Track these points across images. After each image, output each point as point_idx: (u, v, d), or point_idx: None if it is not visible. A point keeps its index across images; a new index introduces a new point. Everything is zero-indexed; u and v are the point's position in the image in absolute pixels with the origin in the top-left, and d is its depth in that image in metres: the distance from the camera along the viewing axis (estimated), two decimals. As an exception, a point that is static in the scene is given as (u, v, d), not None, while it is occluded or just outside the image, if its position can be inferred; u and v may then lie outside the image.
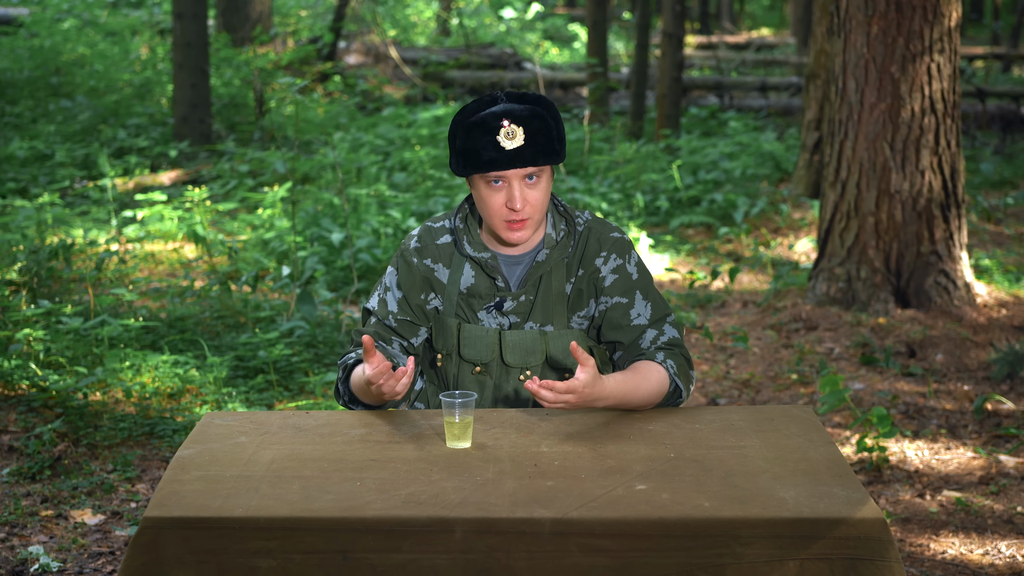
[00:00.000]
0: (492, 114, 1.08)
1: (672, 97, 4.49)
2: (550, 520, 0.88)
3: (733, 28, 9.83)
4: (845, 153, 2.53)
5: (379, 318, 1.15)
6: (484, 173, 1.09)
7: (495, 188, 1.10)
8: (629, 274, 1.13)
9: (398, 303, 1.15)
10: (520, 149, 1.08)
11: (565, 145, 1.12)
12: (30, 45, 5.10)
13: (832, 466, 0.97)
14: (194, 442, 1.04)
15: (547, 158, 1.09)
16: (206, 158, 4.19)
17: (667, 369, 1.10)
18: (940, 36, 2.43)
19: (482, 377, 1.15)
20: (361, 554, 0.88)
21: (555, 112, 1.11)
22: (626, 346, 1.12)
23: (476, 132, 1.09)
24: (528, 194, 1.10)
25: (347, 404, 1.14)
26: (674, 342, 1.12)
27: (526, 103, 1.10)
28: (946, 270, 2.49)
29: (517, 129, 1.07)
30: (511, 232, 1.11)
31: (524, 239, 1.11)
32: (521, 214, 1.09)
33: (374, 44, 6.32)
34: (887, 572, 0.87)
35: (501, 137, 1.07)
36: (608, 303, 1.13)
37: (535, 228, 1.12)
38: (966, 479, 1.76)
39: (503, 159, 1.08)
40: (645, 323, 1.12)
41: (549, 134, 1.09)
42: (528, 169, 1.09)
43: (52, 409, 1.93)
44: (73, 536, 1.57)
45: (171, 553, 0.88)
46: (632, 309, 1.12)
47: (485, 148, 1.08)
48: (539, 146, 1.08)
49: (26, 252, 2.61)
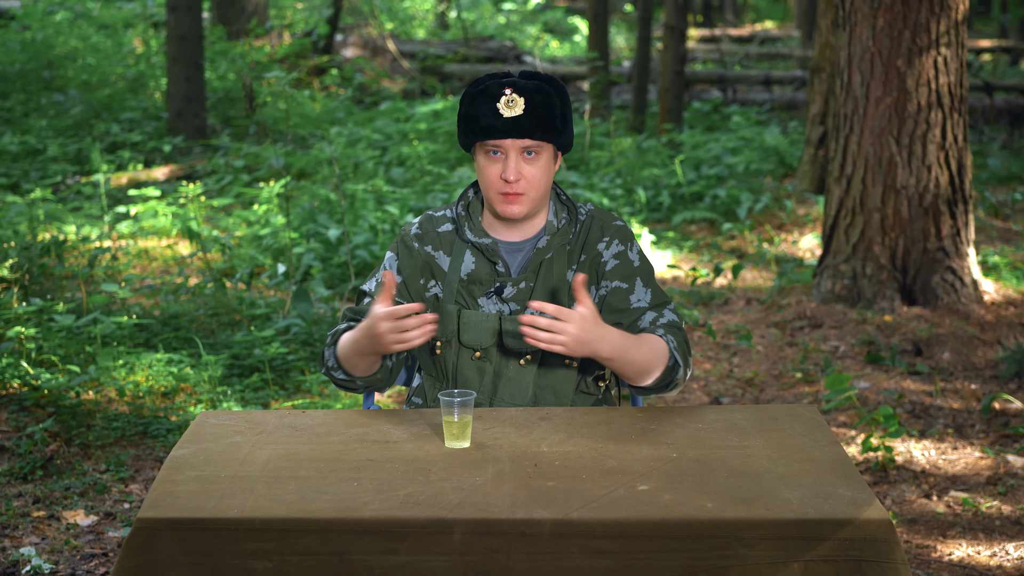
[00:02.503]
0: (497, 82, 1.08)
1: (674, 91, 4.47)
2: (550, 521, 0.87)
3: (736, 21, 9.80)
4: (850, 148, 2.51)
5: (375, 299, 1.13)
6: (482, 141, 1.09)
7: (493, 159, 1.09)
8: (631, 260, 1.13)
9: (397, 287, 1.13)
10: (518, 119, 1.07)
11: (571, 130, 1.11)
12: (22, 38, 5.08)
13: (837, 466, 0.96)
14: (188, 442, 1.03)
15: (545, 133, 1.08)
16: (200, 153, 4.17)
17: (667, 343, 1.09)
18: (947, 29, 2.41)
19: (482, 363, 1.13)
20: (358, 555, 0.87)
21: (564, 94, 1.10)
22: (625, 327, 1.11)
23: (480, 99, 1.08)
24: (525, 168, 1.09)
25: (329, 371, 1.12)
26: (674, 324, 1.11)
27: (535, 81, 1.09)
28: (953, 267, 2.47)
29: (519, 99, 1.06)
30: (505, 205, 1.09)
31: (518, 214, 1.10)
32: (515, 187, 1.08)
33: (371, 37, 6.30)
34: (893, 574, 0.86)
35: (501, 104, 1.07)
36: (608, 287, 1.12)
37: (532, 206, 1.10)
38: (973, 479, 1.75)
39: (500, 126, 1.07)
40: (645, 306, 1.11)
41: (551, 110, 1.08)
42: (526, 142, 1.08)
43: (44, 408, 1.92)
44: (65, 537, 1.55)
45: (165, 555, 0.87)
46: (632, 294, 1.12)
47: (484, 114, 1.07)
48: (538, 119, 1.07)
49: (18, 248, 2.59)
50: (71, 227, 3.03)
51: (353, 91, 5.19)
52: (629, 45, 7.43)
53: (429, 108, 4.55)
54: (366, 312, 1.10)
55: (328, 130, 3.99)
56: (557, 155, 1.11)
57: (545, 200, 1.12)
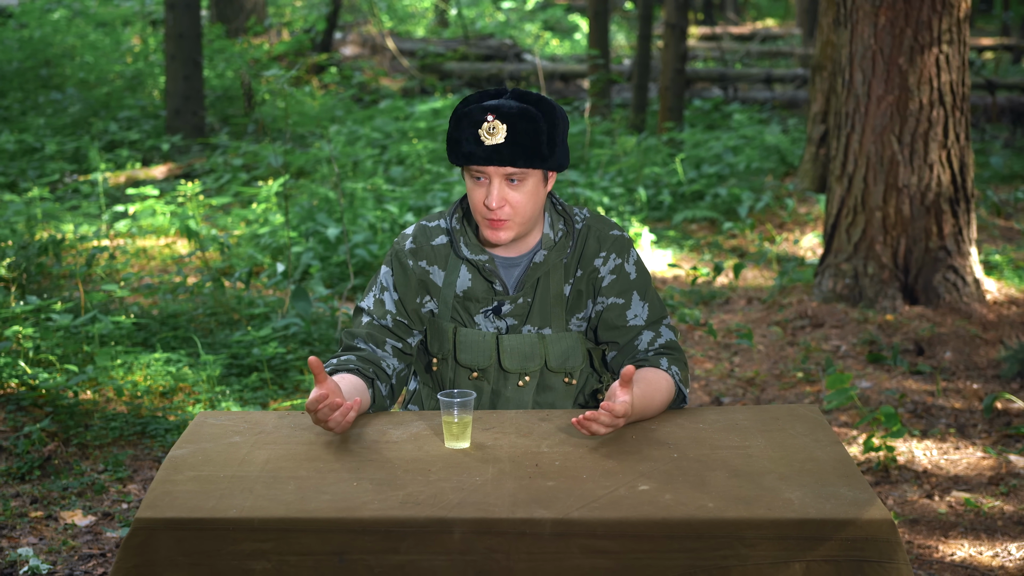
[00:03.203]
0: (480, 107, 1.06)
1: (675, 89, 4.46)
2: (551, 521, 0.87)
3: (737, 19, 9.79)
4: (852, 146, 2.50)
5: (374, 318, 1.13)
6: (465, 166, 1.08)
7: (478, 183, 1.08)
8: (627, 274, 1.12)
9: (395, 304, 1.13)
10: (499, 147, 1.05)
11: (563, 151, 1.08)
12: (19, 36, 5.07)
13: (839, 466, 0.96)
14: (187, 442, 1.03)
15: (528, 160, 1.06)
16: (199, 151, 4.16)
17: (673, 377, 1.09)
18: (949, 27, 2.40)
19: (480, 382, 1.13)
20: (358, 555, 0.87)
21: (554, 117, 1.07)
22: (621, 347, 1.11)
23: (463, 122, 1.07)
24: (509, 195, 1.07)
25: None
26: (672, 345, 1.11)
27: (525, 103, 1.07)
28: (955, 266, 2.46)
29: (501, 126, 1.05)
30: (490, 231, 1.08)
31: (503, 240, 1.09)
32: (499, 213, 1.07)
33: (371, 35, 6.29)
34: (895, 574, 0.86)
35: (483, 131, 1.05)
36: (604, 303, 1.11)
37: (518, 230, 1.09)
38: (975, 479, 1.74)
39: (480, 154, 1.06)
40: (642, 324, 1.11)
41: (536, 136, 1.05)
42: (508, 169, 1.06)
43: (42, 408, 1.91)
44: (63, 538, 1.55)
45: (163, 555, 0.87)
46: (628, 310, 1.11)
47: (467, 140, 1.06)
48: (520, 147, 1.05)
49: (15, 247, 2.58)
50: (69, 226, 3.02)
51: (354, 90, 5.18)
52: (629, 43, 7.42)
53: (428, 106, 4.54)
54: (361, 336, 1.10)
55: (327, 128, 3.98)
56: (549, 175, 1.09)
57: (535, 220, 1.10)
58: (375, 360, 1.10)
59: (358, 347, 1.11)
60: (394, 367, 1.11)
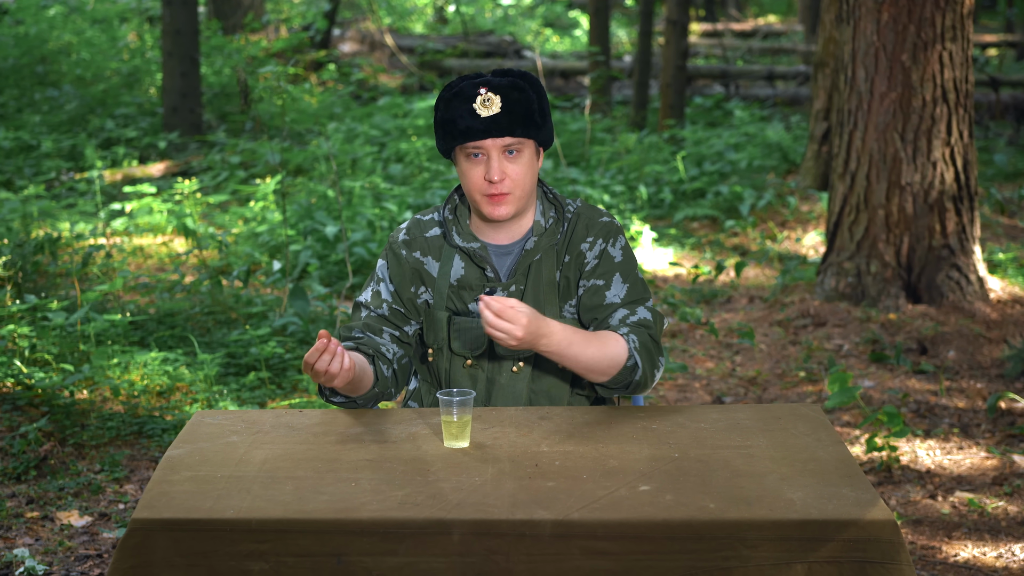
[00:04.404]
0: (470, 83, 1.08)
1: (676, 86, 4.44)
2: (551, 522, 0.86)
3: (739, 15, 9.76)
4: (854, 144, 2.49)
5: (371, 309, 1.13)
6: (462, 144, 1.08)
7: (475, 162, 1.08)
8: (611, 257, 1.11)
9: (391, 294, 1.13)
10: (496, 117, 1.06)
11: (550, 124, 1.10)
12: (15, 32, 5.04)
13: (841, 466, 0.95)
14: (184, 441, 1.02)
15: (525, 129, 1.07)
16: (196, 149, 4.14)
17: (628, 342, 1.07)
18: (952, 23, 2.39)
19: (474, 370, 1.13)
20: (356, 557, 0.86)
21: (539, 88, 1.10)
22: (597, 325, 1.10)
23: (455, 101, 1.07)
24: (508, 167, 1.08)
25: (327, 398, 1.12)
26: (644, 323, 1.09)
27: (510, 77, 1.08)
28: (958, 264, 2.45)
29: (494, 97, 1.06)
30: (492, 207, 1.08)
31: (505, 215, 1.09)
32: (500, 187, 1.07)
33: (369, 32, 6.27)
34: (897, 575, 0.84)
35: (477, 105, 1.06)
36: (586, 285, 1.11)
37: (518, 205, 1.09)
38: (979, 480, 1.74)
39: (478, 127, 1.06)
40: (618, 302, 1.10)
41: (528, 105, 1.07)
42: (506, 140, 1.07)
43: (38, 407, 1.90)
44: (59, 538, 1.54)
45: (160, 556, 0.87)
46: (608, 290, 1.11)
47: (462, 116, 1.07)
48: (516, 116, 1.06)
49: (11, 246, 2.57)
50: (65, 224, 3.01)
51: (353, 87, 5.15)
52: (630, 40, 7.42)
53: (428, 104, 4.54)
54: (359, 327, 1.11)
55: (325, 126, 3.96)
56: (539, 151, 1.10)
57: (531, 199, 1.10)
58: (374, 345, 1.11)
59: (356, 336, 1.12)
60: (394, 352, 1.11)
